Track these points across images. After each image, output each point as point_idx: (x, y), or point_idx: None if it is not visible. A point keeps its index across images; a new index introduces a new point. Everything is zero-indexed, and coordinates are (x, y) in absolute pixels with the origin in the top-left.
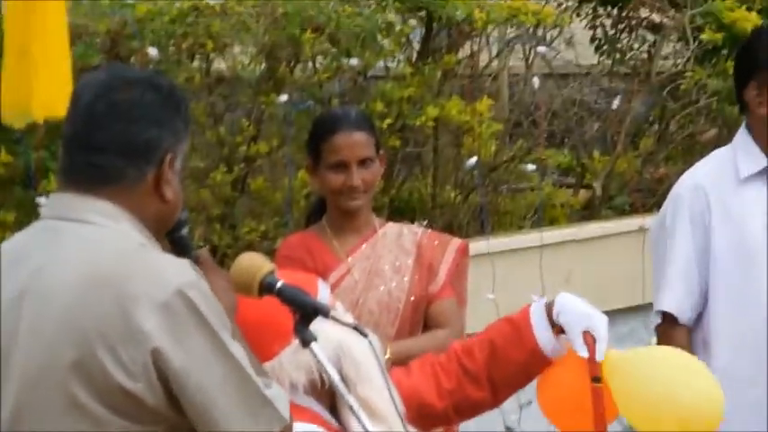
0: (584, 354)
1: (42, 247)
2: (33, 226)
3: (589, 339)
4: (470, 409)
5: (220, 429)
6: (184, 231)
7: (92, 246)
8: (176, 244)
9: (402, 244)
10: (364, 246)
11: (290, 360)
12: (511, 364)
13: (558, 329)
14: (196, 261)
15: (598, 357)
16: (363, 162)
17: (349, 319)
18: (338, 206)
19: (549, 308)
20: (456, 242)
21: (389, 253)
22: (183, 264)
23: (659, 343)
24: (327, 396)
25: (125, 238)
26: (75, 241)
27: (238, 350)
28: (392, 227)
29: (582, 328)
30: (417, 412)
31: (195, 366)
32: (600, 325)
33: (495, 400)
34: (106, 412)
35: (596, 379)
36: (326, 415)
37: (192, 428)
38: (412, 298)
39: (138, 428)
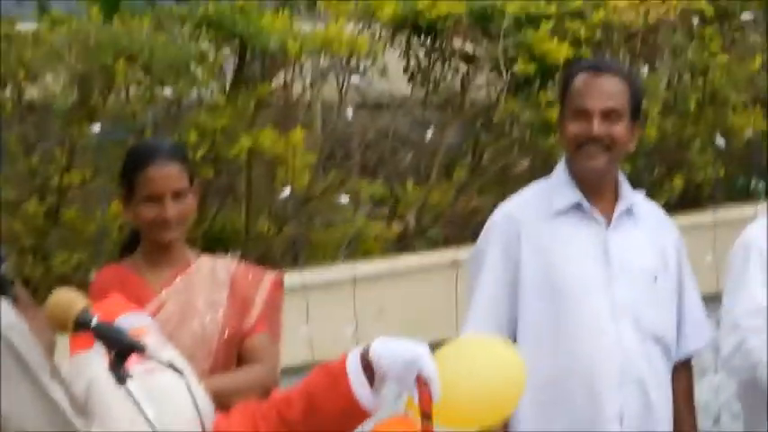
0: (415, 396)
1: None
2: None
3: (420, 381)
4: None
5: None
6: (2, 267)
7: None
8: None
9: (216, 278)
10: (178, 279)
11: None
12: (329, 414)
13: (375, 380)
14: (14, 300)
15: (435, 398)
16: (177, 194)
17: (165, 356)
18: (152, 239)
19: (364, 356)
20: (270, 276)
21: (204, 288)
22: (4, 306)
23: None
24: None
25: None
26: None
27: (57, 392)
28: (205, 260)
29: (413, 375)
30: None
31: (15, 411)
32: (427, 365)
33: None
34: None
35: (427, 415)
36: None
37: None
38: (226, 333)
39: None
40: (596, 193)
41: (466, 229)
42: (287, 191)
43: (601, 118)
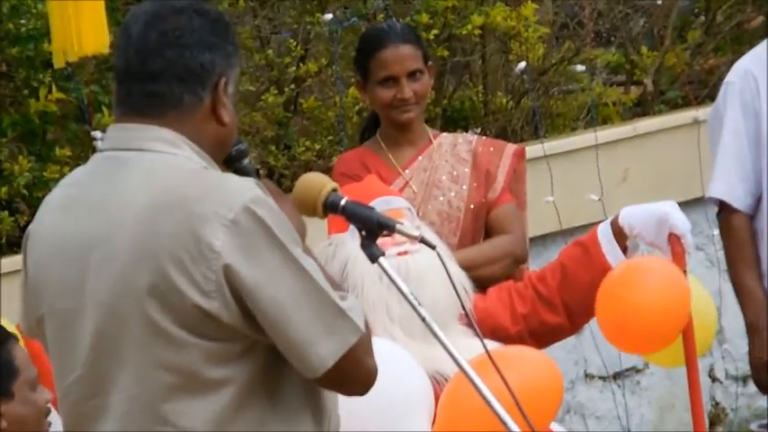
0: (670, 256)
1: (107, 178)
2: (94, 159)
3: (673, 239)
4: (547, 335)
5: (297, 343)
6: (246, 161)
7: (157, 172)
8: (241, 174)
9: (458, 153)
10: (420, 158)
11: None
12: (583, 286)
13: (627, 249)
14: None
15: (690, 249)
16: (413, 74)
17: (415, 231)
18: (391, 120)
19: (614, 224)
20: (512, 147)
21: (446, 163)
22: (249, 182)
23: (720, 232)
24: None
25: (188, 162)
26: (139, 169)
27: (311, 264)
28: (446, 137)
29: (665, 233)
30: (491, 335)
31: (267, 281)
32: (679, 220)
33: (573, 326)
34: (184, 333)
35: (682, 272)
36: None
37: (270, 345)
38: (471, 206)
39: (215, 346)
40: None
41: (704, 88)
42: (522, 64)
43: None
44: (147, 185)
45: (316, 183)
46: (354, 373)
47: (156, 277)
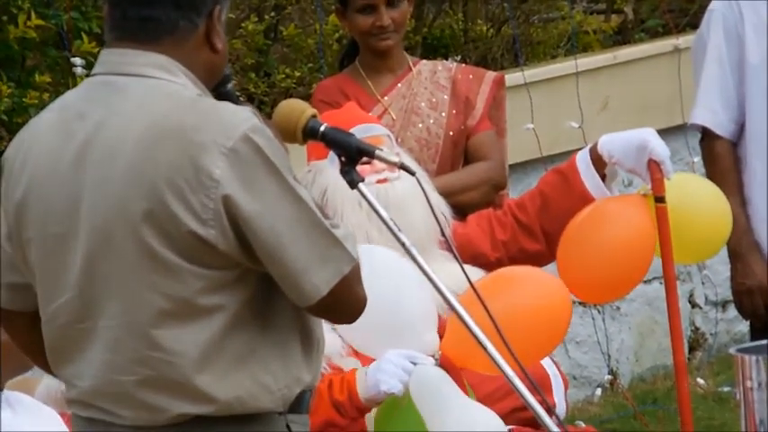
0: (649, 183)
1: (102, 102)
2: (88, 82)
3: (652, 164)
4: (526, 261)
5: (292, 271)
6: (230, 86)
7: (154, 98)
8: (223, 98)
9: (437, 80)
10: (399, 85)
11: None
12: (562, 213)
13: (606, 176)
14: None
15: (669, 175)
16: (391, 2)
17: (394, 157)
18: (370, 47)
19: (593, 152)
20: (491, 74)
21: (425, 90)
22: (246, 110)
23: (703, 159)
24: None
25: (184, 90)
26: (136, 95)
27: (305, 193)
28: (426, 64)
29: (644, 159)
30: (472, 261)
31: (265, 209)
32: (658, 146)
33: (552, 253)
34: (179, 260)
35: (661, 199)
36: None
37: (262, 273)
38: (450, 133)
39: (209, 274)
40: None
41: (684, 17)
42: None
43: None
44: (144, 112)
45: (295, 109)
46: (345, 302)
47: (153, 203)
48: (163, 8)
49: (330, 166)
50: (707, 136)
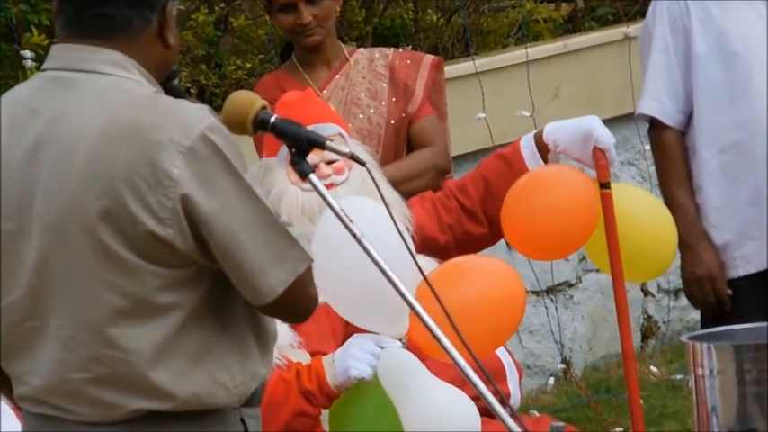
0: (593, 171)
1: (56, 98)
2: (40, 77)
3: (597, 152)
4: (471, 245)
5: (248, 271)
6: (176, 82)
7: (110, 96)
8: (170, 94)
9: (375, 69)
10: (337, 77)
11: None
12: (504, 197)
13: (546, 158)
14: None
15: (614, 162)
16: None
17: (345, 147)
18: (298, 44)
19: (538, 139)
20: (429, 58)
21: (363, 80)
22: (203, 108)
23: (652, 149)
24: None
25: (140, 87)
26: (92, 92)
27: (261, 191)
28: (363, 53)
29: (590, 147)
30: (422, 245)
31: (223, 209)
32: (603, 134)
33: (494, 237)
34: (137, 258)
35: (606, 185)
36: None
37: (217, 270)
38: (392, 121)
39: (166, 272)
40: None
41: (634, 4)
42: None
43: None
44: (101, 109)
45: (246, 100)
46: (298, 302)
47: (110, 202)
48: (117, 5)
49: (279, 165)
50: (655, 126)
